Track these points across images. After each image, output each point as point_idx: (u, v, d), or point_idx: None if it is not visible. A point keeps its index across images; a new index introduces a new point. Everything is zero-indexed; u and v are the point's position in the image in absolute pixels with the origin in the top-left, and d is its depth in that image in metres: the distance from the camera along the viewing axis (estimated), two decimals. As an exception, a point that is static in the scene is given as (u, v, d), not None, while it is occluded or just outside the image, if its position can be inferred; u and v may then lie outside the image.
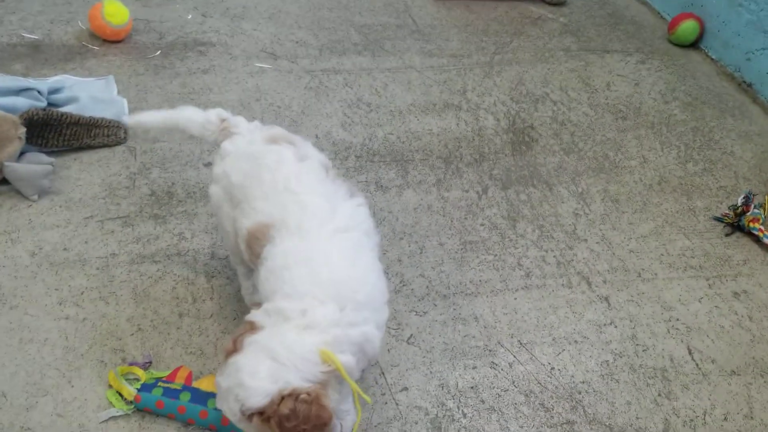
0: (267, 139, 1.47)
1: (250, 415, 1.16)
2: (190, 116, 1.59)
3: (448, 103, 2.63)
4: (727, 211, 2.26)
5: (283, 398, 1.15)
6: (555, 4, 3.47)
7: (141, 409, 1.43)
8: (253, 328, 1.22)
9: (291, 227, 1.30)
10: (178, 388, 1.44)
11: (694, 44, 3.25)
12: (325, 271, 1.26)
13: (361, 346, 1.25)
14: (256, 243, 1.34)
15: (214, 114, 1.57)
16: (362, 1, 3.27)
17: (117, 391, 1.44)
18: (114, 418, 1.44)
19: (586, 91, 2.84)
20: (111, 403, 1.43)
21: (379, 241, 1.42)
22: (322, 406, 1.17)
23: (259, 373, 1.16)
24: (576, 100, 2.77)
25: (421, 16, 3.22)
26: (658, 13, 3.53)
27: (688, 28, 3.21)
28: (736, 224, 2.23)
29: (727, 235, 2.22)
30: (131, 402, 1.42)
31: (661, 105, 2.81)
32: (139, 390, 1.42)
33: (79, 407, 1.45)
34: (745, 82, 2.99)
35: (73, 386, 1.49)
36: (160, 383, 1.45)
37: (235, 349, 1.20)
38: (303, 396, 1.15)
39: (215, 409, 1.41)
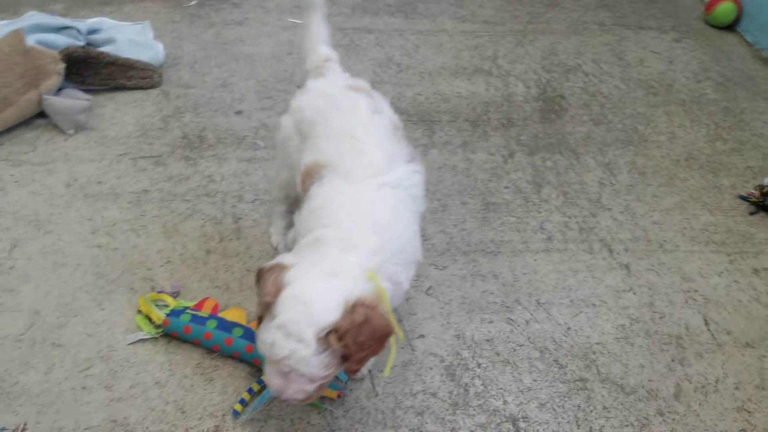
0: (348, 86, 1.48)
1: (326, 336, 1.14)
2: (316, 33, 1.66)
3: (479, 68, 2.63)
4: (753, 191, 2.25)
5: (354, 306, 1.15)
6: (592, -21, 3.42)
7: (168, 334, 1.48)
8: (282, 268, 1.20)
9: (341, 170, 1.31)
10: (205, 315, 1.49)
11: (731, 26, 3.20)
12: (366, 213, 1.27)
13: (394, 284, 1.26)
14: (307, 179, 1.35)
15: (324, 49, 1.63)
16: (398, -37, 3.26)
17: (146, 316, 1.49)
18: (142, 341, 1.49)
19: (619, 65, 2.82)
20: (139, 326, 1.47)
21: (424, 211, 1.42)
22: (383, 316, 1.18)
23: (322, 291, 1.16)
24: (608, 73, 2.75)
25: (457, -19, 3.20)
26: (696, -7, 3.48)
27: (725, 9, 3.16)
28: (761, 204, 2.22)
29: (751, 213, 2.21)
30: (159, 326, 1.47)
31: (694, 84, 2.79)
32: (167, 315, 1.47)
33: (109, 329, 1.51)
34: (780, 67, 2.94)
35: (103, 309, 1.54)
36: (188, 310, 1.49)
37: (277, 289, 1.17)
38: (369, 302, 1.16)
39: (240, 337, 1.45)
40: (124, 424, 1.37)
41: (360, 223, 1.25)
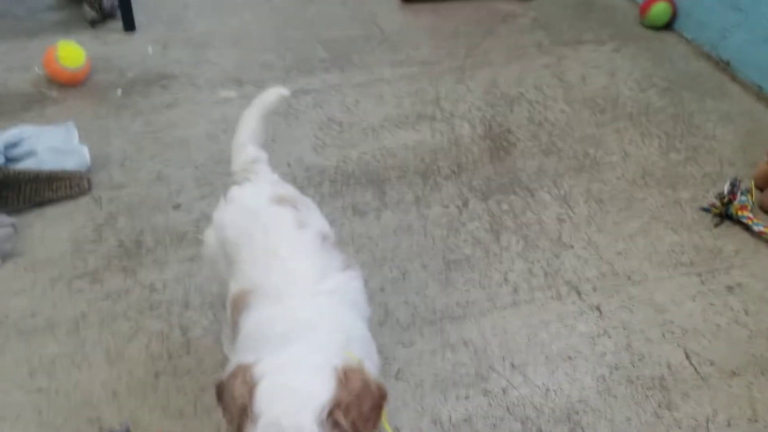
0: (272, 198, 1.39)
1: (329, 416, 0.99)
2: (248, 130, 1.57)
3: (422, 114, 2.57)
4: (714, 201, 2.20)
5: (346, 374, 1.04)
6: (524, 0, 3.41)
7: None
8: (246, 367, 1.04)
9: (269, 292, 1.21)
10: None
11: (668, 26, 3.20)
12: (306, 320, 1.17)
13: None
14: (235, 311, 1.26)
15: (253, 149, 1.53)
16: (327, 15, 3.21)
17: None
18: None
19: (561, 87, 2.78)
20: None
21: (369, 316, 1.32)
22: (374, 379, 1.08)
23: (305, 370, 1.04)
24: (552, 97, 2.71)
25: (388, 24, 3.15)
26: (629, -4, 3.47)
27: (659, 10, 3.15)
28: (724, 214, 2.18)
29: (716, 225, 2.16)
30: None
31: (639, 94, 2.76)
32: None
33: (56, 487, 1.40)
34: (722, 60, 2.93)
35: (48, 465, 1.43)
36: None
37: (250, 387, 1.01)
38: (357, 367, 1.06)
39: None
40: None
41: (301, 332, 1.14)
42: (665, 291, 1.93)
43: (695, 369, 1.73)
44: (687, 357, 1.76)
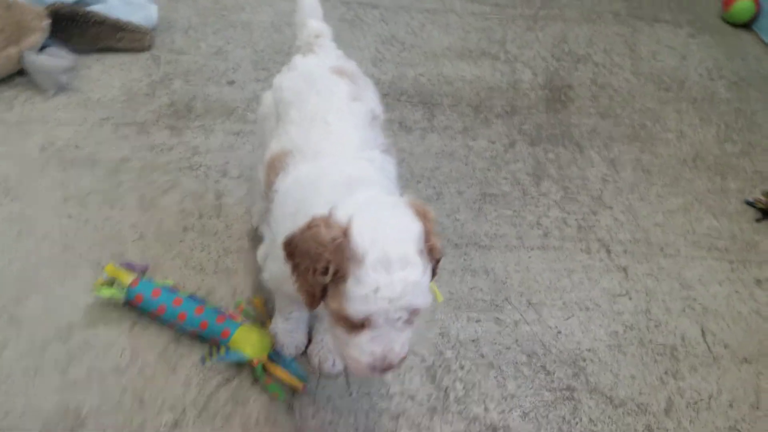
0: (333, 69, 1.38)
1: (426, 246, 1.01)
2: (308, 5, 1.55)
3: (486, 52, 2.53)
4: (760, 197, 2.16)
5: (420, 209, 1.06)
6: (610, -35, 3.30)
7: (132, 299, 1.39)
8: (325, 217, 1.02)
9: (308, 153, 1.20)
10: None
11: (748, 25, 3.10)
12: (346, 173, 1.15)
13: None
14: (272, 173, 1.25)
15: (316, 23, 1.51)
16: (409, -63, 3.13)
17: (110, 280, 1.40)
18: (104, 322, 1.41)
19: (631, 57, 2.71)
20: (100, 292, 1.38)
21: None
22: None
23: (389, 207, 1.04)
24: (619, 65, 2.65)
25: (469, -41, 3.07)
26: (716, -12, 3.35)
27: (743, 7, 3.05)
28: (767, 211, 2.14)
29: (757, 220, 2.12)
30: (124, 289, 1.38)
31: (707, 81, 2.68)
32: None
33: (70, 308, 1.43)
34: (796, 67, 2.84)
35: (66, 286, 1.47)
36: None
37: (340, 229, 0.98)
38: (419, 202, 1.08)
39: (213, 308, 1.39)
40: (76, 412, 1.29)
41: (360, 181, 1.12)
42: (694, 270, 1.91)
43: (708, 347, 1.72)
44: (703, 334, 1.75)
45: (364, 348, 1.02)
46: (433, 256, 1.03)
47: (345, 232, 0.98)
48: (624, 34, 2.85)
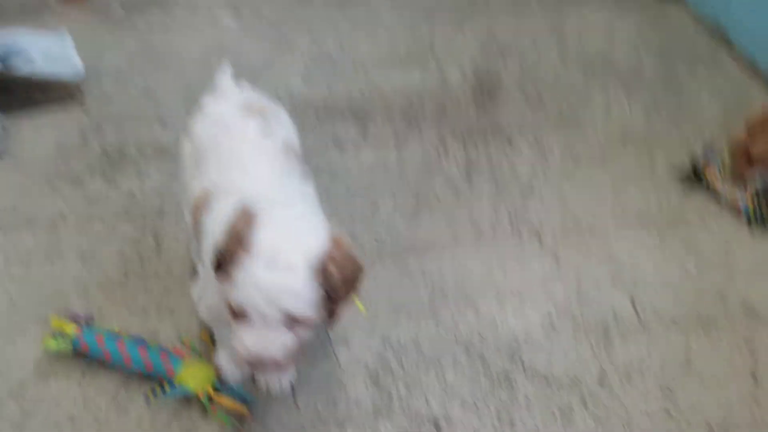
0: (241, 108, 1.45)
1: (321, 264, 1.08)
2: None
3: (414, 57, 2.61)
4: (686, 165, 2.25)
5: (337, 239, 1.12)
6: (532, -47, 3.38)
7: (78, 348, 1.47)
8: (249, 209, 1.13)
9: (228, 191, 1.27)
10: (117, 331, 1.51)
11: (676, -4, 3.19)
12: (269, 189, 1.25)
13: None
14: (197, 213, 1.33)
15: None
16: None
17: (56, 332, 1.48)
18: (55, 376, 1.49)
19: (557, 43, 2.80)
20: (47, 346, 1.47)
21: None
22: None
23: (304, 220, 1.14)
24: (546, 53, 2.74)
25: (392, -35, 3.15)
26: (638, -39, 3.44)
27: (666, -23, 3.13)
28: (694, 177, 2.22)
29: (684, 187, 2.21)
30: (71, 340, 1.46)
31: (633, 58, 2.78)
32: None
33: (21, 366, 1.50)
34: (721, 34, 2.93)
35: (15, 345, 1.54)
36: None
37: (249, 220, 1.09)
38: (345, 239, 1.14)
39: (156, 346, 1.48)
40: (34, 465, 1.37)
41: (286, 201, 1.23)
42: (623, 244, 1.99)
43: (638, 316, 1.81)
44: (633, 304, 1.83)
45: (243, 340, 1.10)
46: (327, 279, 1.10)
47: (250, 225, 1.08)
48: (550, 20, 2.93)
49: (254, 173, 1.30)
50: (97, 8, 2.57)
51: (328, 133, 2.22)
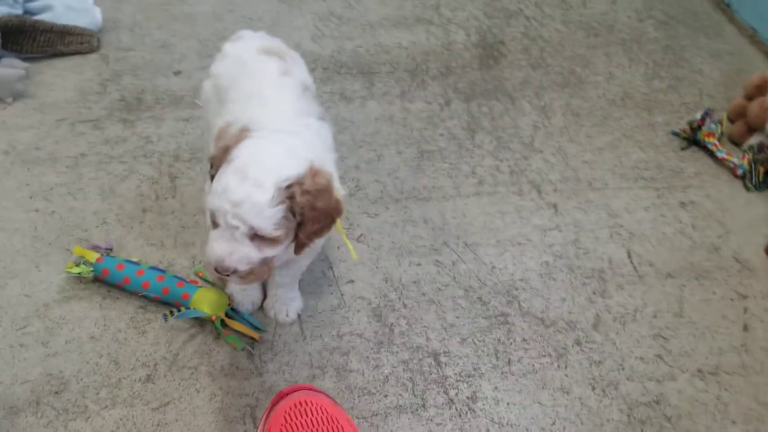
0: (261, 50, 1.52)
1: (287, 188, 1.15)
2: None
3: (420, 18, 2.66)
4: (685, 126, 2.32)
5: (316, 171, 1.20)
6: None
7: (99, 274, 1.56)
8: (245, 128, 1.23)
9: (250, 123, 1.32)
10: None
11: (680, -38, 3.22)
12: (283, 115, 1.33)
13: None
14: (218, 141, 1.41)
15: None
16: None
17: (79, 260, 1.57)
18: (77, 298, 1.58)
19: (561, 7, 2.85)
20: (70, 271, 1.56)
21: (336, 159, 1.45)
22: (337, 194, 1.24)
23: (286, 147, 1.19)
24: (549, 16, 2.79)
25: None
26: (646, -71, 3.47)
27: (672, -56, 3.16)
28: (692, 138, 2.29)
29: (682, 148, 2.28)
30: (92, 266, 1.55)
31: (635, 23, 2.83)
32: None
33: (45, 289, 1.59)
34: (723, 1, 2.98)
35: (40, 271, 1.63)
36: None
37: (239, 137, 1.20)
38: (327, 175, 1.21)
39: (173, 275, 1.56)
40: (59, 377, 1.46)
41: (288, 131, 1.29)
42: (621, 200, 2.07)
43: (634, 267, 1.89)
44: (629, 256, 1.92)
45: (210, 243, 1.19)
46: (292, 203, 1.18)
47: (237, 141, 1.18)
48: (554, -16, 2.98)
49: (273, 107, 1.37)
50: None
51: (335, 87, 2.29)
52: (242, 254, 1.19)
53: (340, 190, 1.29)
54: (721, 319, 1.78)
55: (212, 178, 1.22)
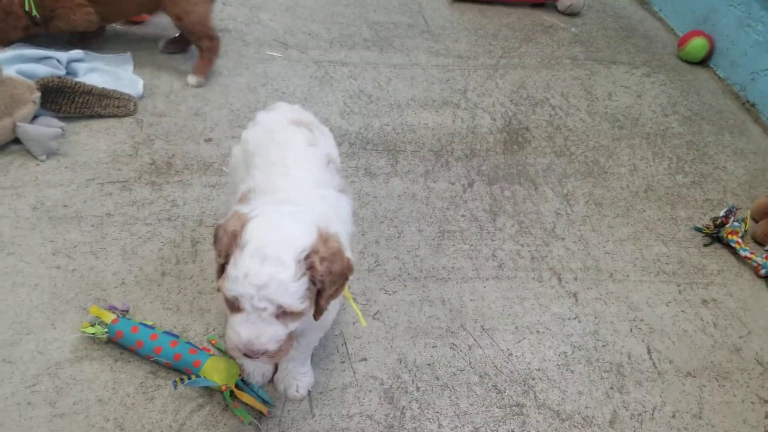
0: (291, 120, 1.56)
1: (306, 258, 1.17)
2: None
3: (448, 101, 2.72)
4: (708, 223, 2.31)
5: (326, 236, 1.21)
6: (569, 15, 3.54)
7: (113, 335, 1.55)
8: (242, 212, 1.23)
9: (269, 190, 1.36)
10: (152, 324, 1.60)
11: (704, 62, 3.30)
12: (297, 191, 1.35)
13: None
14: (238, 202, 1.42)
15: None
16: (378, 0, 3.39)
17: (94, 320, 1.57)
18: (89, 359, 1.56)
19: (587, 99, 2.90)
20: (85, 331, 1.55)
21: (352, 232, 1.48)
22: (347, 255, 1.25)
23: (293, 219, 1.20)
24: (575, 106, 2.84)
25: (434, 17, 3.31)
26: (672, 29, 3.58)
27: (697, 45, 3.25)
28: (715, 235, 2.28)
29: (705, 245, 2.27)
30: (106, 327, 1.54)
31: (660, 117, 2.87)
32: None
33: (59, 347, 1.58)
34: (748, 101, 3.03)
35: (55, 328, 1.62)
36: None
37: (243, 221, 1.20)
38: (336, 237, 1.23)
39: (186, 342, 1.54)
40: (63, 440, 1.43)
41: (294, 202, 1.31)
42: (642, 293, 2.05)
43: (653, 363, 1.85)
44: (648, 352, 1.88)
45: (235, 328, 1.18)
46: (312, 273, 1.19)
47: (243, 225, 1.18)
48: (581, 77, 3.05)
49: (294, 175, 1.39)
50: (157, 33, 2.73)
51: (360, 162, 2.32)
52: (270, 334, 1.19)
53: (348, 250, 1.30)
54: (741, 424, 1.72)
55: (221, 267, 1.22)
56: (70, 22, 2.34)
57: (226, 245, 1.20)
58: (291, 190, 1.36)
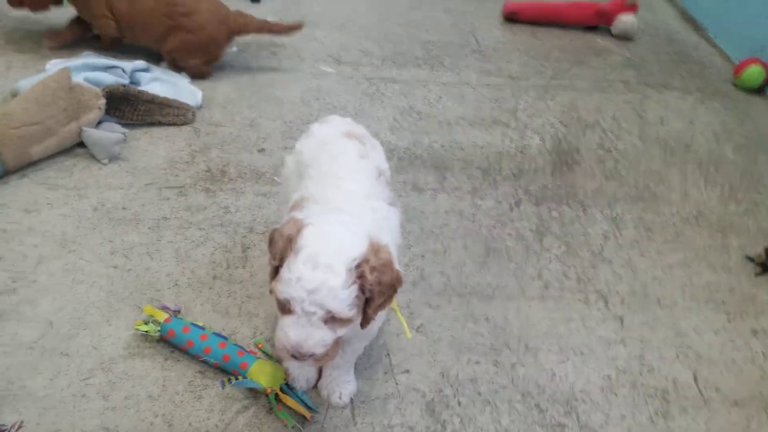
0: (343, 133, 1.60)
1: (356, 267, 1.20)
2: None
3: (497, 120, 2.74)
4: (760, 252, 2.26)
5: (378, 247, 1.25)
6: (622, 38, 3.52)
7: (166, 333, 1.60)
8: (298, 218, 1.28)
9: (320, 200, 1.39)
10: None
11: (760, 90, 3.24)
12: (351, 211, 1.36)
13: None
14: (290, 211, 1.46)
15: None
16: (431, 19, 3.43)
17: (148, 318, 1.62)
18: (141, 356, 1.62)
19: (638, 123, 2.88)
20: (138, 329, 1.61)
21: (400, 245, 1.50)
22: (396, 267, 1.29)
23: (346, 228, 1.24)
24: (626, 130, 2.82)
25: (486, 38, 3.34)
26: (727, 56, 3.53)
27: (753, 72, 3.21)
28: (767, 265, 2.23)
29: (757, 274, 2.22)
30: (159, 325, 1.60)
31: (713, 144, 2.83)
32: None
33: (113, 344, 1.64)
34: (805, 131, 2.96)
35: (110, 325, 1.68)
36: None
37: (299, 227, 1.24)
38: (387, 249, 1.26)
39: (234, 344, 1.59)
40: None
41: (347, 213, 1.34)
42: (690, 320, 2.02)
43: (699, 391, 1.82)
44: (695, 379, 1.85)
45: (285, 330, 1.22)
46: (362, 282, 1.23)
47: (299, 231, 1.22)
48: (633, 101, 3.03)
49: (345, 187, 1.43)
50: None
51: (408, 177, 2.35)
52: (318, 338, 1.23)
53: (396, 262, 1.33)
54: (791, 458, 1.67)
55: (275, 269, 1.26)
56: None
57: (281, 249, 1.24)
58: (342, 201, 1.39)
